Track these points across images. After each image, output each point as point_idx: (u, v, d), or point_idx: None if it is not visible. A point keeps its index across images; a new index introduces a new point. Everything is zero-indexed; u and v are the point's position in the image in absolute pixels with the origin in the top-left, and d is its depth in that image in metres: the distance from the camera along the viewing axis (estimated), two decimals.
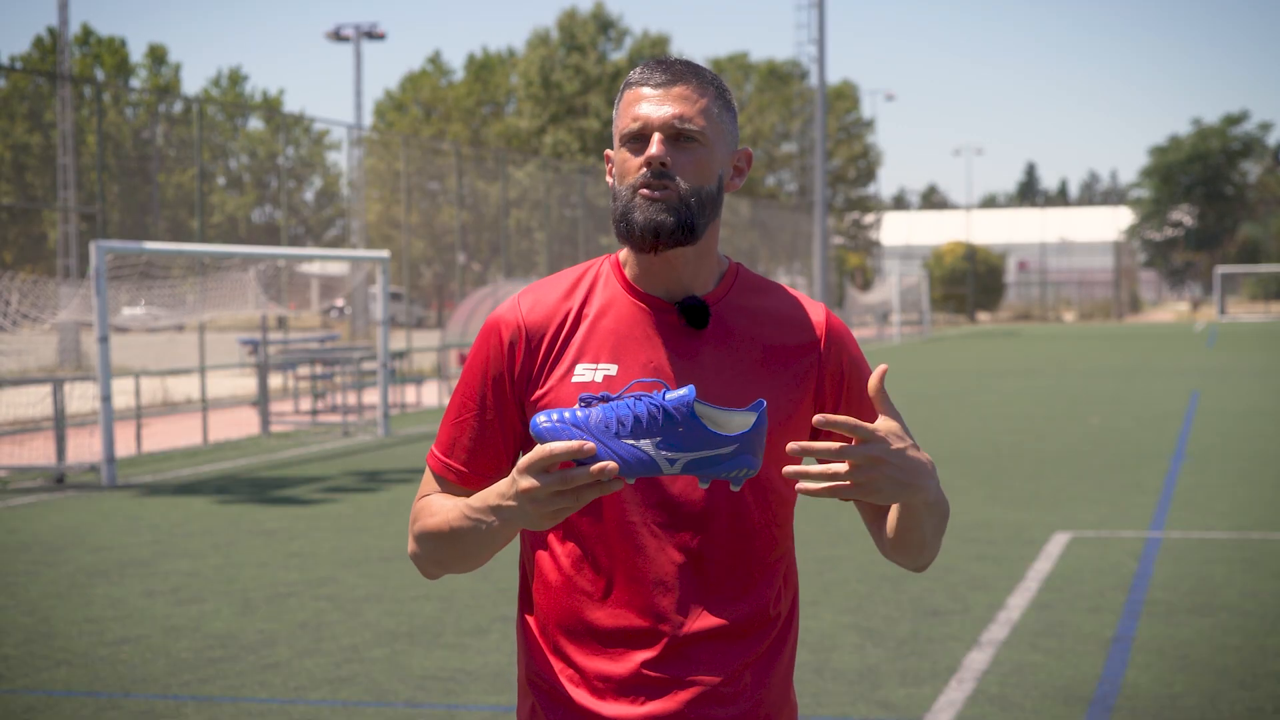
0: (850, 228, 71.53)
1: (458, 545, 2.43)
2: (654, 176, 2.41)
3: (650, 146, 2.41)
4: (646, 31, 58.08)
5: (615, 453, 2.19)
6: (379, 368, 19.81)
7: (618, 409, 2.21)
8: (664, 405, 2.20)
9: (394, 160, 40.16)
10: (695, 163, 2.43)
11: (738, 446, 2.21)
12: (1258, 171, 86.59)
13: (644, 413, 2.20)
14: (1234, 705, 6.35)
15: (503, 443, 2.51)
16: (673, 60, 2.49)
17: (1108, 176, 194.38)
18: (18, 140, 40.69)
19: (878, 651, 7.30)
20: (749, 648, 2.47)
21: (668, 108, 2.43)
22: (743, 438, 2.21)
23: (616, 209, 2.44)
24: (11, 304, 16.74)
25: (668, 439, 2.20)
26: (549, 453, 2.20)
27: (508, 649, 7.42)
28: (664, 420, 2.20)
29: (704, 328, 2.47)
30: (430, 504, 2.50)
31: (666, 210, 2.40)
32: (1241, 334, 50.30)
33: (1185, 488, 12.85)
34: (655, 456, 2.20)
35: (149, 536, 11.16)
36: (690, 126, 2.42)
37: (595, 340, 2.47)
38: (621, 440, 2.20)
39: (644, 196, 2.41)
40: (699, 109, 2.44)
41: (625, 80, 2.51)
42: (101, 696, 6.72)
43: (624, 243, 2.46)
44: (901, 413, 2.66)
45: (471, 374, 2.52)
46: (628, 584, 2.44)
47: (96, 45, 59.44)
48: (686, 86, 2.45)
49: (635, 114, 2.44)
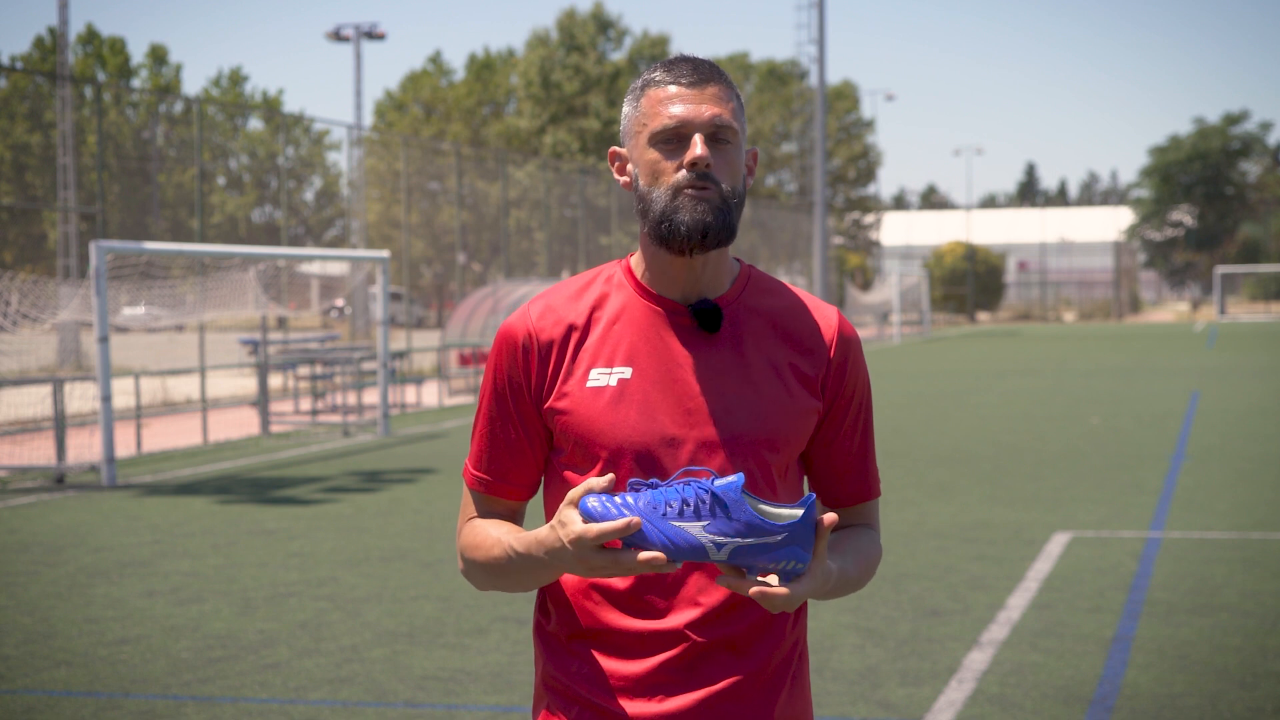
0: (850, 228, 71.54)
1: (505, 577, 2.48)
2: (698, 178, 2.40)
3: (694, 148, 2.40)
4: (646, 31, 58.09)
5: (664, 533, 2.21)
6: (379, 368, 19.81)
7: (666, 493, 2.23)
8: (712, 489, 2.22)
9: (394, 160, 40.16)
10: (730, 163, 2.44)
11: (786, 536, 2.22)
12: (1258, 171, 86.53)
13: (692, 497, 2.22)
14: (1234, 705, 6.35)
15: (530, 450, 2.52)
16: (695, 59, 2.47)
17: (1108, 176, 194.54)
18: (18, 140, 40.68)
19: (878, 651, 7.30)
20: (767, 650, 2.48)
21: (706, 108, 2.42)
22: (790, 528, 2.22)
23: (654, 211, 2.42)
24: (12, 304, 16.74)
25: (716, 523, 2.21)
26: (598, 533, 2.22)
27: (508, 649, 7.43)
28: (712, 503, 2.21)
29: (717, 330, 2.47)
30: (476, 532, 2.53)
31: (711, 211, 2.40)
32: (1241, 334, 50.30)
33: (1185, 488, 12.85)
34: (703, 540, 2.21)
35: (149, 536, 11.16)
36: (727, 127, 2.43)
37: (609, 344, 2.47)
38: (670, 521, 2.22)
39: (690, 197, 2.40)
40: (731, 110, 2.44)
41: (644, 79, 2.47)
42: (101, 696, 6.72)
43: (662, 245, 2.44)
44: (901, 413, 2.66)
45: (489, 387, 2.54)
46: (647, 587, 2.45)
47: (98, 45, 59.42)
48: (718, 86, 2.44)
49: (672, 113, 2.42)
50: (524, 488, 2.54)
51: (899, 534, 10.59)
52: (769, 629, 2.48)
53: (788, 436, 2.45)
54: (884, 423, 19.06)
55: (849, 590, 2.46)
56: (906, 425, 18.99)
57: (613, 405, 2.42)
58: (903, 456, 15.38)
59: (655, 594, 2.44)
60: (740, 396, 2.44)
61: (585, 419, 2.44)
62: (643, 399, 2.43)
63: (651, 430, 2.42)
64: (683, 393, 2.44)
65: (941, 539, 10.42)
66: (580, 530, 2.23)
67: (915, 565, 9.43)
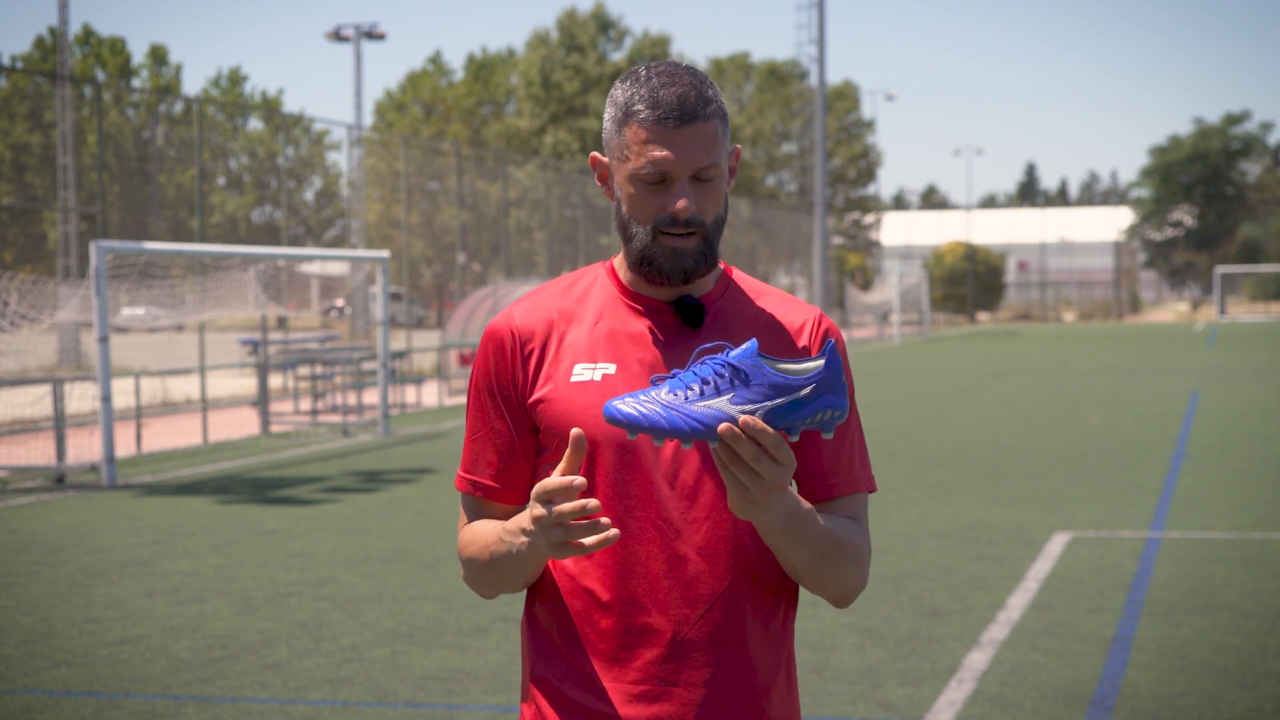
0: (850, 228, 71.53)
1: (496, 570, 2.47)
2: (682, 224, 2.40)
3: (677, 198, 2.38)
4: (647, 31, 58.09)
5: (691, 416, 2.18)
6: (379, 368, 19.81)
7: (684, 378, 2.21)
8: (729, 361, 2.19)
9: (394, 160, 40.15)
10: (713, 196, 2.42)
11: (814, 387, 2.19)
12: (1258, 171, 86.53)
13: (710, 374, 2.20)
14: (1234, 705, 6.34)
15: (521, 450, 2.52)
16: (681, 87, 2.39)
17: (1108, 176, 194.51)
18: (18, 140, 40.68)
19: (878, 651, 7.30)
20: (754, 648, 2.47)
21: (691, 154, 2.38)
22: (817, 379, 2.19)
23: (634, 246, 2.43)
24: (11, 304, 16.74)
25: (741, 393, 2.18)
26: (543, 488, 2.25)
27: (508, 649, 7.43)
28: (731, 375, 2.19)
29: (700, 327, 2.48)
30: (471, 530, 2.54)
31: (692, 256, 2.41)
32: (1241, 334, 50.29)
33: (1185, 488, 12.85)
34: (733, 413, 2.18)
35: (149, 536, 11.16)
36: (711, 168, 2.40)
37: (593, 340, 2.48)
38: (694, 405, 2.19)
39: (671, 246, 2.40)
40: (716, 144, 2.41)
41: (627, 102, 2.41)
42: (101, 696, 6.72)
43: (641, 277, 2.46)
44: (901, 413, 2.66)
45: (475, 389, 2.55)
46: (632, 585, 2.44)
47: (97, 45, 59.44)
48: (703, 123, 2.38)
49: (653, 158, 2.38)
50: (517, 490, 2.53)
51: (899, 534, 10.59)
52: (757, 630, 2.47)
53: None
54: (884, 423, 19.06)
55: (817, 559, 2.37)
56: (906, 425, 18.98)
57: (596, 400, 2.43)
58: (903, 456, 15.38)
59: (642, 594, 2.43)
60: None
61: (568, 413, 2.44)
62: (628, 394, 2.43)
63: None
64: None
65: (941, 539, 10.42)
66: (537, 485, 2.26)
67: (915, 565, 9.43)
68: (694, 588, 2.44)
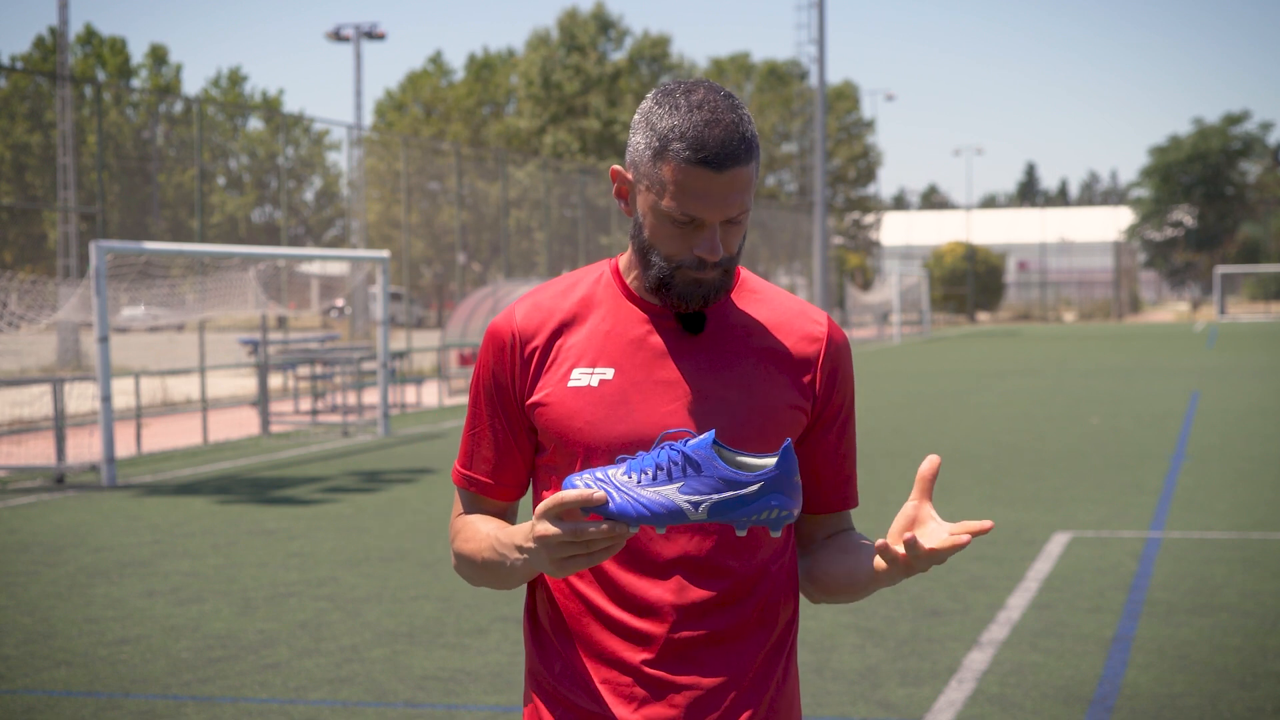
0: (850, 228, 71.54)
1: (488, 575, 2.48)
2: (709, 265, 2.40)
3: (707, 243, 2.36)
4: (647, 32, 58.13)
5: (639, 501, 2.21)
6: (379, 368, 19.81)
7: (643, 460, 2.23)
8: (684, 450, 2.21)
9: (394, 160, 40.17)
10: (740, 233, 2.42)
11: (762, 485, 2.21)
12: (1258, 171, 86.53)
13: (664, 460, 2.22)
14: (1234, 705, 6.34)
15: (518, 449, 2.52)
16: (721, 120, 2.34)
17: (1108, 176, 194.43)
18: (18, 140, 40.69)
19: (878, 651, 7.30)
20: (752, 650, 2.46)
21: (728, 201, 2.35)
22: (767, 478, 2.21)
23: (650, 271, 2.41)
24: (10, 304, 16.74)
25: (690, 483, 2.21)
26: (559, 500, 2.22)
27: (508, 649, 7.43)
28: (684, 464, 2.21)
29: (700, 332, 2.47)
30: (465, 528, 2.53)
31: (713, 286, 2.41)
32: (1241, 334, 50.29)
33: (1185, 488, 12.85)
34: (679, 502, 2.21)
35: (149, 536, 11.16)
36: (743, 213, 2.39)
37: (593, 344, 2.47)
38: (644, 490, 2.21)
39: (691, 278, 2.39)
40: (750, 186, 2.38)
41: (664, 137, 2.34)
42: (101, 696, 6.72)
43: (655, 298, 2.46)
44: (901, 413, 2.66)
45: (476, 386, 2.55)
46: (628, 586, 2.44)
47: (98, 45, 59.44)
48: (742, 168, 2.35)
49: (689, 204, 2.34)
50: (512, 487, 2.54)
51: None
52: (755, 627, 2.47)
53: (770, 440, 2.43)
54: (884, 423, 19.06)
55: (860, 593, 2.48)
56: (906, 425, 18.98)
57: (591, 405, 2.42)
58: (903, 456, 15.37)
59: (640, 592, 2.43)
60: (723, 399, 2.43)
61: (563, 417, 2.43)
62: (622, 399, 2.42)
63: (629, 431, 2.41)
64: (664, 394, 2.43)
65: None
66: (546, 500, 2.24)
67: None
68: (692, 589, 2.44)
